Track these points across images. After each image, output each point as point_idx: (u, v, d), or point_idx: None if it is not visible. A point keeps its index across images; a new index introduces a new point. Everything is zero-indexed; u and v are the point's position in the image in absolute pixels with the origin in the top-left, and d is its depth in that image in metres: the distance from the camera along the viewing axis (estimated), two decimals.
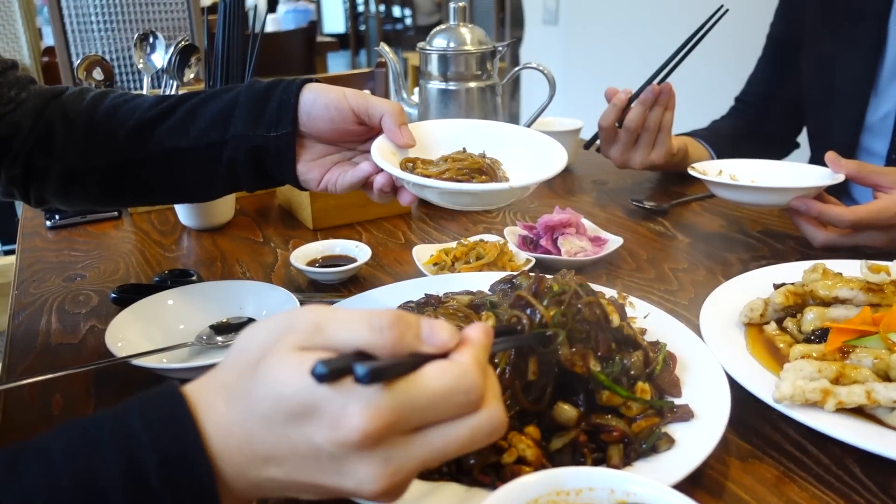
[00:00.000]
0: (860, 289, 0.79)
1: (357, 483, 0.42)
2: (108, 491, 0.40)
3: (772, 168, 1.24)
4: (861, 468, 0.64)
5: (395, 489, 0.43)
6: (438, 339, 0.45)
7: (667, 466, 0.59)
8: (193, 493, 0.42)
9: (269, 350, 0.43)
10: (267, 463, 0.43)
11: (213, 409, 0.43)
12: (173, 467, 0.41)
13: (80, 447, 0.42)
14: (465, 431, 0.44)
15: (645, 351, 0.70)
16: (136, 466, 0.41)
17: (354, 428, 0.40)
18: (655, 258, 1.12)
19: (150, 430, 0.42)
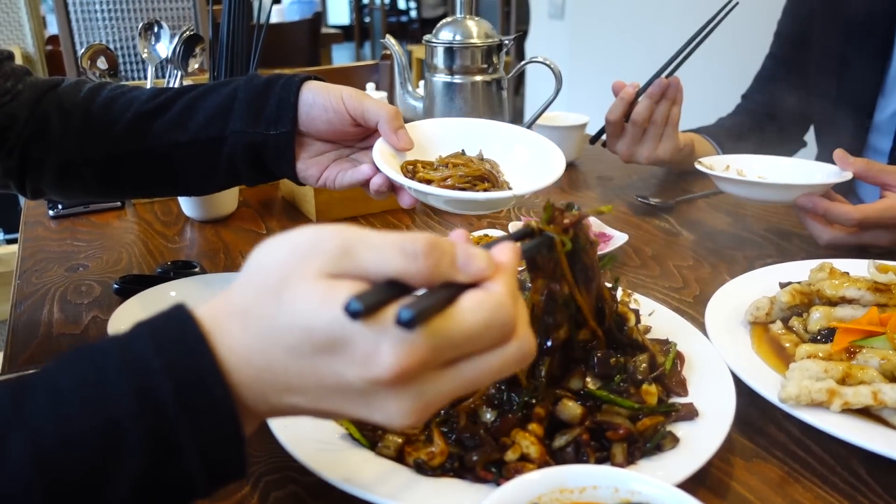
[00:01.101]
0: (867, 289, 0.78)
1: (386, 417, 0.41)
2: (122, 420, 0.38)
3: (779, 164, 1.24)
4: (866, 469, 0.64)
5: (423, 419, 0.42)
6: (474, 267, 0.42)
7: (671, 465, 0.59)
8: (213, 419, 0.40)
9: (293, 274, 0.40)
10: (289, 392, 0.41)
11: (228, 334, 0.41)
12: (189, 394, 0.39)
13: (88, 377, 0.40)
14: (496, 362, 0.42)
15: (651, 354, 0.69)
16: (149, 394, 0.39)
17: (388, 367, 0.38)
18: (660, 255, 1.11)
19: (161, 356, 0.40)
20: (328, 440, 0.62)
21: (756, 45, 1.69)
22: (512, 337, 0.43)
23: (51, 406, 0.39)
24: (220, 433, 0.40)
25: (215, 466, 0.41)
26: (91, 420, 0.38)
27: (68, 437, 0.38)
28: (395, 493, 0.55)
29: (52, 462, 0.37)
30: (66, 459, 0.37)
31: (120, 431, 0.38)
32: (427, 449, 0.59)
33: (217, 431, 0.40)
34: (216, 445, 0.40)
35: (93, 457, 0.38)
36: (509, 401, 0.63)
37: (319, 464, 0.57)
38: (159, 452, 0.39)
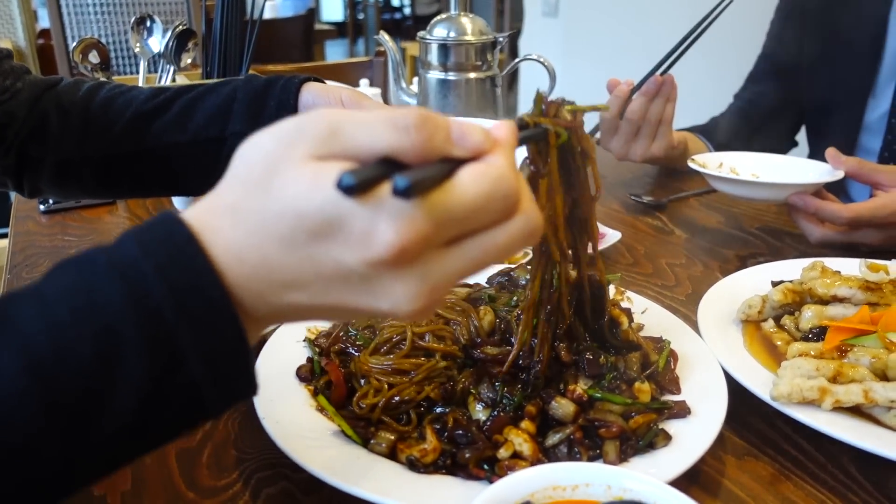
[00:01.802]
0: (859, 287, 0.78)
1: (393, 303, 0.39)
2: (116, 326, 0.36)
3: (772, 162, 1.24)
4: (857, 467, 0.64)
5: (431, 306, 0.40)
6: (471, 141, 0.40)
7: (663, 463, 0.59)
8: (212, 321, 0.38)
9: (279, 161, 0.38)
10: (288, 288, 0.39)
11: (219, 234, 0.39)
12: (185, 295, 0.37)
13: (77, 286, 0.37)
14: (503, 238, 0.40)
15: (644, 353, 0.69)
16: (142, 297, 0.37)
17: (388, 244, 0.36)
18: (653, 253, 1.11)
19: (151, 258, 0.37)
20: (320, 437, 0.62)
21: (750, 44, 1.69)
22: (516, 211, 0.41)
23: (39, 316, 0.37)
24: (222, 336, 0.38)
25: (222, 375, 0.39)
26: (83, 327, 0.36)
27: (61, 345, 0.36)
28: (387, 490, 0.55)
29: (46, 371, 0.35)
30: (61, 368, 0.36)
31: (115, 338, 0.36)
32: (419, 446, 0.59)
33: (218, 334, 0.38)
34: (219, 350, 0.38)
35: (90, 365, 0.36)
36: (502, 400, 0.63)
37: (311, 460, 0.57)
38: (160, 359, 0.37)
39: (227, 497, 0.60)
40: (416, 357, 0.68)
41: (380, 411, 0.64)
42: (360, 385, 0.67)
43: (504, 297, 0.75)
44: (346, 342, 0.72)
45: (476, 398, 0.64)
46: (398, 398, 0.64)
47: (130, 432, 0.38)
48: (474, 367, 0.66)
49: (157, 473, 0.62)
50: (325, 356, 0.71)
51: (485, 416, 0.63)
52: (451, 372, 0.66)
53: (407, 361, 0.67)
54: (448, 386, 0.65)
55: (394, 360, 0.68)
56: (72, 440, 0.36)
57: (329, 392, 0.67)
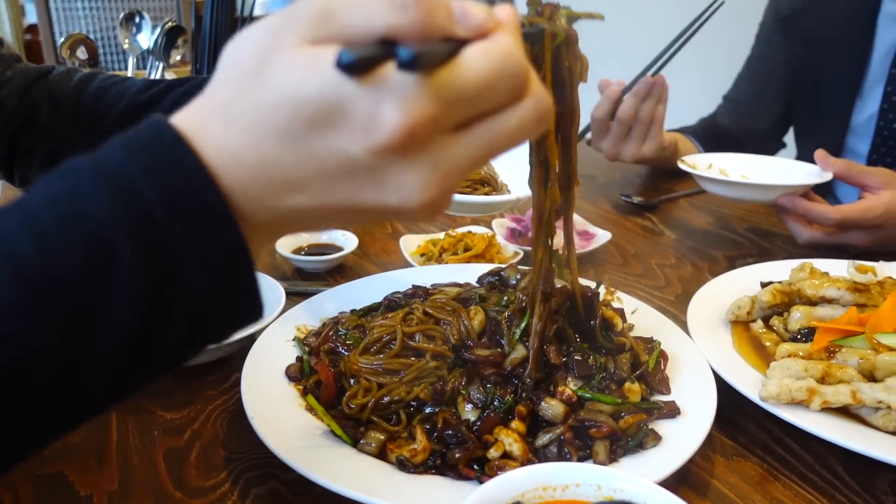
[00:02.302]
0: (847, 289, 0.79)
1: (402, 196, 0.36)
2: (105, 233, 0.34)
3: (762, 164, 1.25)
4: (844, 467, 0.64)
5: (442, 199, 0.37)
6: (474, 19, 0.37)
7: (653, 463, 0.59)
8: (209, 225, 0.35)
9: (270, 50, 0.35)
10: (289, 189, 0.36)
11: (210, 135, 0.36)
12: (177, 198, 0.34)
13: (60, 194, 0.35)
14: (514, 122, 0.38)
15: (634, 353, 0.70)
16: (131, 201, 0.34)
17: (394, 127, 0.34)
18: (643, 253, 1.12)
19: (138, 161, 0.35)
20: (309, 436, 0.62)
21: (740, 46, 1.70)
22: (526, 92, 0.38)
23: (23, 225, 0.34)
24: (221, 240, 0.36)
25: (225, 285, 0.36)
26: (70, 235, 0.34)
27: (48, 253, 0.33)
28: (376, 490, 0.55)
29: (35, 281, 0.33)
30: (50, 277, 0.33)
31: (105, 245, 0.34)
32: (409, 446, 0.59)
33: (217, 238, 0.35)
34: (219, 256, 0.36)
35: (81, 274, 0.33)
36: (493, 402, 0.63)
37: (301, 460, 0.57)
38: (156, 267, 0.34)
39: (216, 497, 0.59)
40: (407, 357, 0.68)
41: (369, 411, 0.63)
42: (350, 385, 0.67)
43: (495, 297, 0.74)
44: (336, 341, 0.72)
45: (466, 399, 0.64)
46: (388, 398, 0.64)
47: (132, 350, 0.35)
48: (465, 368, 0.66)
49: (145, 473, 0.62)
50: (314, 355, 0.71)
51: (474, 417, 0.63)
52: (442, 372, 0.66)
53: (397, 361, 0.67)
54: (438, 386, 0.64)
55: (384, 360, 0.67)
56: (71, 356, 0.34)
57: (318, 392, 0.66)
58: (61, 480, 0.61)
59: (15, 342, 0.33)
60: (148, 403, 0.71)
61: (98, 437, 0.66)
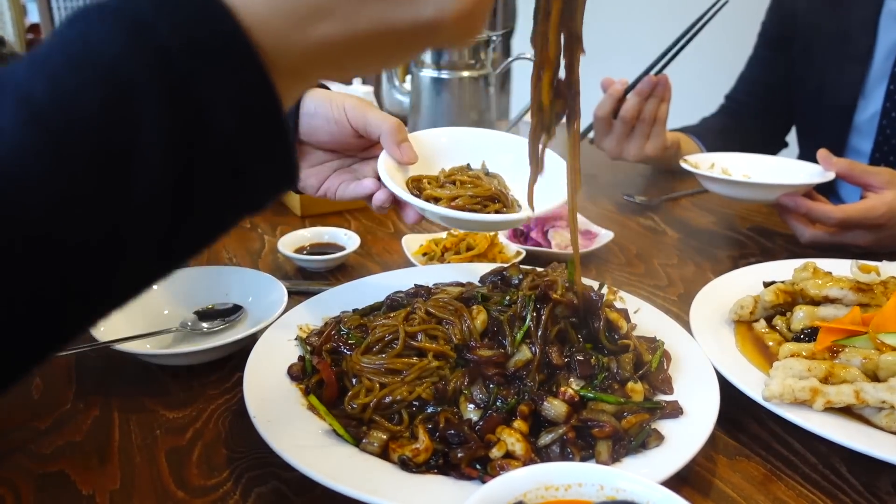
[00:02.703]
0: (850, 288, 0.79)
1: (438, 5, 0.34)
2: (120, 71, 0.31)
3: (764, 163, 1.25)
4: (847, 467, 0.64)
5: (478, 11, 0.35)
6: None
7: (655, 463, 0.59)
8: (227, 56, 0.32)
9: None
10: (315, 16, 0.34)
11: None
12: (193, 32, 0.32)
13: (68, 36, 0.32)
14: None
15: (637, 353, 0.69)
16: (144, 37, 0.31)
17: None
18: (645, 253, 1.11)
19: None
20: (311, 436, 0.62)
21: (742, 45, 1.70)
22: None
23: (32, 69, 0.32)
24: (244, 77, 0.33)
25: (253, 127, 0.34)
26: (84, 74, 0.31)
27: (63, 94, 0.31)
28: (379, 490, 0.54)
29: (52, 122, 0.31)
30: (68, 119, 0.31)
31: (123, 83, 0.31)
32: (412, 445, 0.59)
33: (239, 74, 0.33)
34: (244, 93, 0.33)
35: (100, 113, 0.31)
36: (495, 403, 0.63)
37: (303, 460, 0.56)
38: (181, 110, 0.32)
39: (218, 496, 0.59)
40: (409, 357, 0.68)
41: (371, 411, 0.63)
42: (352, 384, 0.67)
43: (497, 297, 0.74)
44: (338, 341, 0.72)
45: (468, 399, 0.64)
46: (390, 398, 0.64)
47: (172, 196, 0.33)
48: (467, 368, 0.66)
49: (147, 473, 0.62)
50: (316, 355, 0.71)
51: (476, 417, 0.63)
52: (444, 372, 0.66)
53: (399, 361, 0.67)
54: (440, 386, 0.64)
55: (386, 360, 0.67)
56: (105, 200, 0.31)
57: (321, 391, 0.66)
58: (63, 479, 0.61)
59: (42, 189, 0.30)
60: (150, 403, 0.71)
61: (100, 436, 0.66)
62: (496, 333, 0.69)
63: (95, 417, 0.69)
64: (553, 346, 0.67)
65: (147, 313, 0.83)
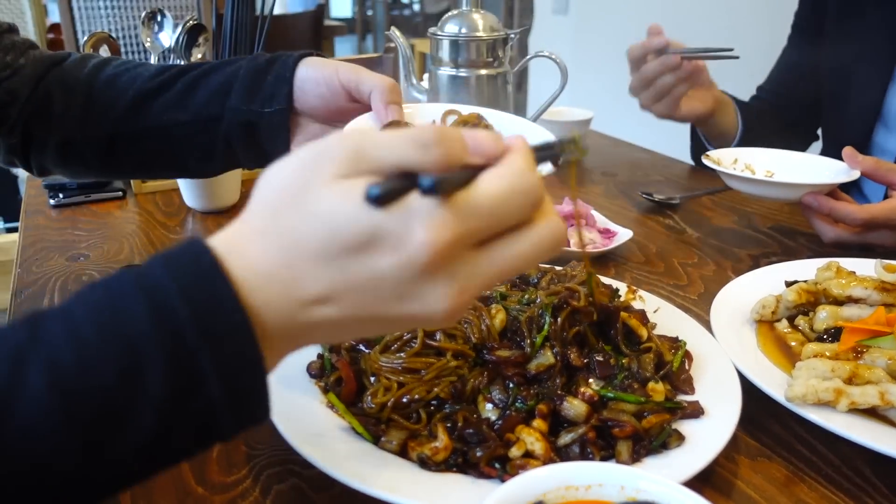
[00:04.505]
0: (874, 288, 0.77)
1: (425, 307, 0.40)
2: (139, 345, 0.37)
3: (788, 159, 1.23)
4: (872, 470, 0.63)
5: (460, 308, 0.41)
6: (485, 147, 0.42)
7: (677, 463, 0.58)
8: (233, 344, 0.38)
9: (308, 183, 0.39)
10: (319, 304, 0.40)
11: (247, 257, 0.39)
12: (207, 319, 0.38)
13: (104, 304, 0.38)
14: (529, 244, 0.42)
15: (658, 352, 0.69)
16: (166, 319, 0.37)
17: (421, 244, 0.37)
18: (665, 252, 1.11)
19: (177, 282, 0.38)
20: (330, 433, 0.62)
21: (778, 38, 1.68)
22: (540, 214, 0.42)
23: (66, 332, 0.37)
24: (241, 360, 0.39)
25: (238, 398, 0.39)
26: (108, 345, 0.37)
27: (86, 362, 0.37)
28: (398, 488, 0.54)
29: (71, 387, 0.36)
30: (85, 385, 0.36)
31: (138, 356, 0.37)
32: (431, 444, 0.59)
33: (238, 357, 0.39)
34: (238, 373, 0.39)
35: (113, 382, 0.37)
36: (514, 403, 0.63)
37: (322, 457, 0.57)
38: (182, 380, 0.37)
39: (237, 493, 0.60)
40: (427, 355, 0.68)
41: (389, 410, 0.63)
42: (371, 383, 0.67)
43: (515, 296, 0.74)
44: (357, 340, 0.72)
45: (486, 398, 0.64)
46: (407, 398, 0.64)
47: (147, 451, 0.38)
48: (486, 368, 0.66)
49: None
50: (335, 353, 0.71)
51: (495, 416, 0.62)
52: (462, 371, 0.66)
53: (418, 360, 0.67)
54: (458, 385, 0.64)
55: (404, 359, 0.67)
56: (89, 456, 0.37)
57: (339, 389, 0.66)
58: None
59: (42, 443, 0.36)
60: None
61: None
62: (515, 333, 0.69)
63: None
64: (572, 348, 0.67)
65: None
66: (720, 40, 1.33)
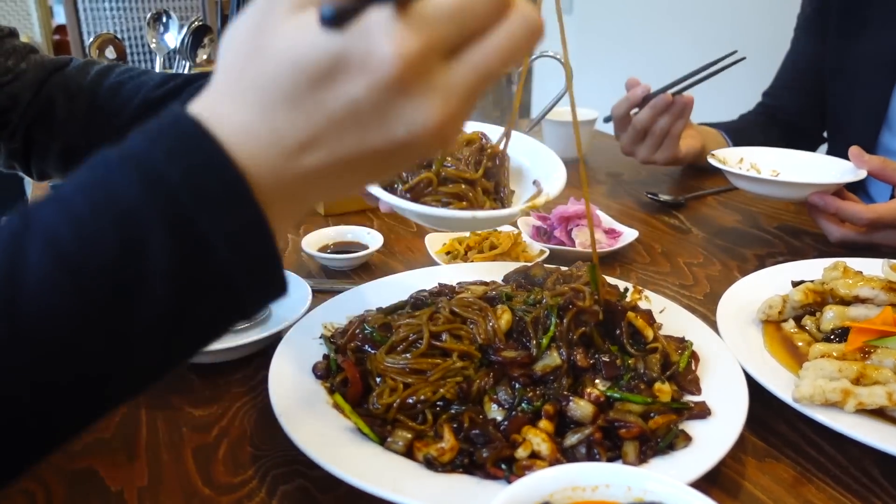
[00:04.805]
0: (881, 288, 0.77)
1: (410, 126, 0.38)
2: (135, 214, 0.36)
3: (794, 159, 1.23)
4: (880, 470, 0.63)
5: (449, 126, 0.39)
6: None
7: (683, 464, 0.58)
8: (230, 202, 0.37)
9: (264, 28, 0.37)
10: (304, 150, 0.38)
11: (223, 116, 0.38)
12: (199, 179, 0.37)
13: (92, 182, 0.37)
14: (503, 40, 0.39)
15: (664, 353, 0.69)
16: (157, 183, 0.36)
17: (387, 58, 0.35)
18: (670, 252, 1.10)
19: (160, 146, 0.37)
20: (336, 434, 0.62)
21: (774, 44, 1.67)
22: (510, 8, 0.40)
23: (60, 212, 0.37)
24: (241, 218, 0.38)
25: (248, 260, 0.38)
26: (103, 218, 0.36)
27: (84, 235, 0.36)
28: (404, 489, 0.54)
29: (74, 261, 0.36)
30: (88, 260, 0.36)
31: (137, 227, 0.36)
32: (437, 445, 0.59)
33: (237, 216, 0.38)
34: (241, 232, 0.38)
35: (117, 254, 0.36)
36: (520, 404, 0.63)
37: (328, 458, 0.57)
38: (185, 245, 0.37)
39: (244, 494, 0.60)
40: (433, 356, 0.68)
41: (395, 411, 0.63)
42: (377, 383, 0.67)
43: (521, 296, 0.74)
44: (363, 340, 0.72)
45: (492, 399, 0.64)
46: (413, 399, 0.64)
47: (170, 322, 0.38)
48: (492, 368, 0.66)
49: (174, 470, 0.62)
50: (341, 354, 0.71)
51: (501, 417, 0.62)
52: (468, 372, 0.66)
53: (423, 361, 0.67)
54: (464, 386, 0.64)
55: (410, 360, 0.67)
56: (112, 332, 0.37)
57: (345, 389, 0.66)
58: (92, 476, 0.61)
59: (62, 323, 0.35)
60: (176, 400, 0.72)
61: (128, 433, 0.67)
62: (521, 334, 0.69)
63: (123, 415, 0.70)
64: (578, 349, 0.67)
65: None
66: (724, 39, 1.33)
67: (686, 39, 1.31)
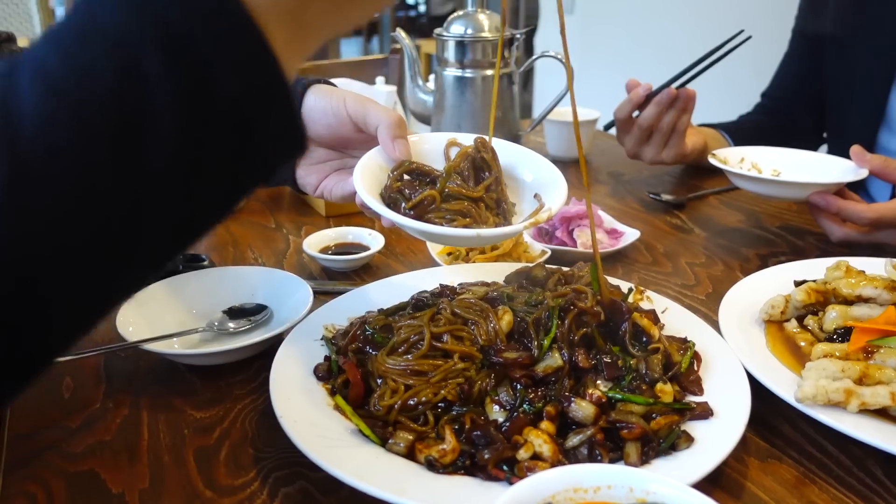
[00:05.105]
0: (884, 287, 0.77)
1: None
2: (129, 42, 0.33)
3: (795, 158, 1.23)
4: (883, 470, 0.63)
5: None
6: None
7: (686, 465, 0.58)
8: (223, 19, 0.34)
9: None
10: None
11: None
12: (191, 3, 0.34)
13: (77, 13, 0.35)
14: None
15: (666, 353, 0.69)
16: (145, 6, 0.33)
17: None
18: (672, 252, 1.10)
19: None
20: (338, 436, 0.62)
21: (775, 44, 1.67)
22: None
23: (47, 46, 0.34)
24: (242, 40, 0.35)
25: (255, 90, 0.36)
26: (94, 48, 0.33)
27: (75, 65, 0.33)
28: (405, 490, 0.54)
29: (68, 90, 0.33)
30: (83, 88, 0.33)
31: (132, 55, 0.33)
32: (438, 446, 0.59)
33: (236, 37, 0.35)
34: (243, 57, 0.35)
35: (115, 85, 0.33)
36: (522, 405, 0.63)
37: (329, 460, 0.57)
38: (185, 71, 0.34)
39: (245, 496, 0.60)
40: (434, 357, 0.67)
41: (396, 413, 0.63)
42: (378, 385, 0.66)
43: (522, 297, 0.74)
44: (364, 341, 0.72)
45: (493, 400, 0.64)
46: (415, 400, 0.64)
47: (185, 161, 0.35)
48: (493, 370, 0.66)
49: (176, 472, 0.62)
50: (342, 355, 0.71)
51: (502, 418, 0.62)
52: (469, 373, 0.66)
53: (425, 362, 0.67)
54: (465, 387, 0.64)
55: (411, 361, 0.67)
56: (124, 169, 0.34)
57: (346, 391, 0.66)
58: (93, 478, 0.61)
59: (69, 158, 0.33)
60: (178, 402, 0.72)
61: (129, 435, 0.67)
62: (522, 335, 0.68)
63: (125, 417, 0.70)
64: (580, 350, 0.67)
65: (174, 313, 0.84)
66: (729, 34, 1.33)
67: (688, 40, 1.30)
